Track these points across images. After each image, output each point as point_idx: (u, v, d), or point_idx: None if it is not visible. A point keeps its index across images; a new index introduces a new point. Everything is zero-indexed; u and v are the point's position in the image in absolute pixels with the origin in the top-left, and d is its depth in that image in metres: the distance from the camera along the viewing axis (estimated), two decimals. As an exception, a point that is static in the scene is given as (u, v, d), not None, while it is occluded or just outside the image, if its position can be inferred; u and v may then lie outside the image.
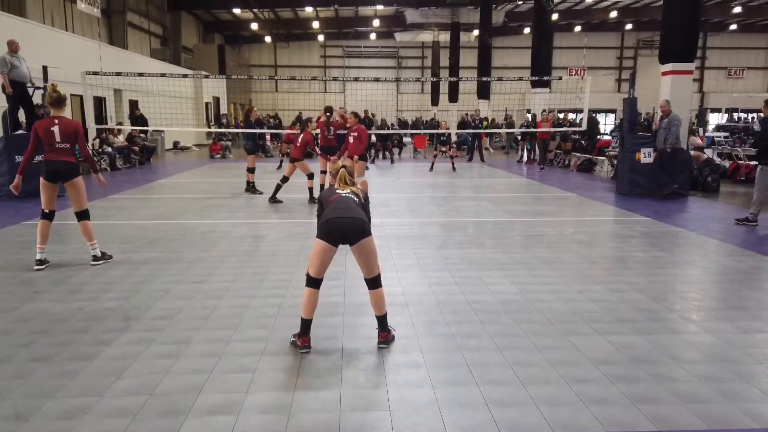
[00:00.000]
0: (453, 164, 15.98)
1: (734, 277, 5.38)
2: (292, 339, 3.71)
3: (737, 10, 31.44)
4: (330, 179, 4.01)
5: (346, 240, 3.55)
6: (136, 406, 2.92)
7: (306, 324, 3.63)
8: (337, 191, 3.74)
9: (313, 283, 3.64)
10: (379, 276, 3.72)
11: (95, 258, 5.64)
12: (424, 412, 2.89)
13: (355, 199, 3.71)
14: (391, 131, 20.14)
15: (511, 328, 4.03)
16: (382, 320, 3.74)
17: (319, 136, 10.52)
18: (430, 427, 2.75)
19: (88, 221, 5.64)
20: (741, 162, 13.54)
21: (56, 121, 5.37)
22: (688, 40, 10.95)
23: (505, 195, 11.17)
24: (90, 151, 5.64)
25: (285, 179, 9.67)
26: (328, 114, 10.33)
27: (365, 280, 3.73)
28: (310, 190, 9.78)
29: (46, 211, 5.52)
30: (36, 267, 5.42)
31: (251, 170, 11.03)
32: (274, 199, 9.68)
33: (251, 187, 10.97)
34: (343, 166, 3.87)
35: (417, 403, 2.98)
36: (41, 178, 5.43)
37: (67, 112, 5.73)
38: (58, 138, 5.33)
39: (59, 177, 5.43)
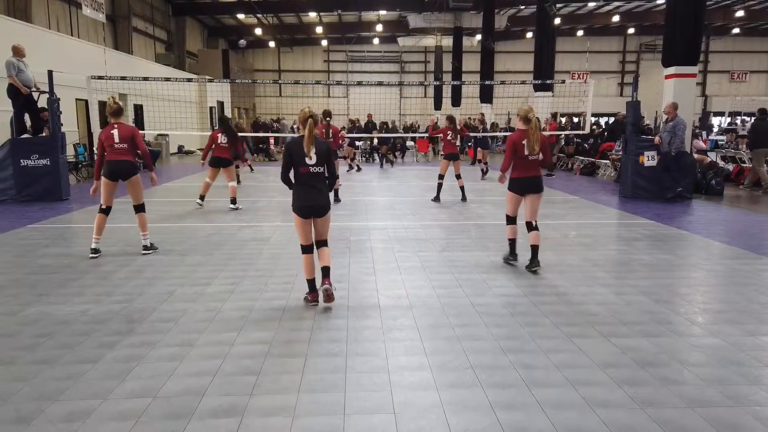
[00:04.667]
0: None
1: (740, 279, 5.35)
2: (306, 296, 4.54)
3: (740, 14, 31.41)
4: (298, 124, 4.43)
5: (314, 216, 4.44)
6: (139, 409, 2.91)
7: (311, 283, 4.50)
8: (306, 160, 4.27)
9: (307, 249, 4.50)
10: (326, 240, 4.59)
11: (145, 248, 6.22)
12: (429, 415, 2.87)
13: (322, 171, 4.35)
14: (390, 135, 20.03)
15: (515, 330, 4.01)
16: (326, 270, 4.48)
17: None
18: (435, 430, 2.73)
19: (144, 213, 6.29)
20: (745, 165, 13.49)
21: (116, 126, 6.06)
22: (691, 43, 10.93)
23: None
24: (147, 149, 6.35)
25: None
26: (328, 119, 10.27)
27: (316, 241, 4.55)
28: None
29: (104, 206, 6.10)
30: (91, 255, 6.00)
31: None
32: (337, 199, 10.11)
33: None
34: (311, 116, 4.25)
35: (422, 405, 2.96)
36: (103, 177, 6.05)
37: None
38: (116, 139, 5.98)
39: (120, 175, 6.05)
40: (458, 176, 10.53)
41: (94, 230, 6.07)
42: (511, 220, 5.76)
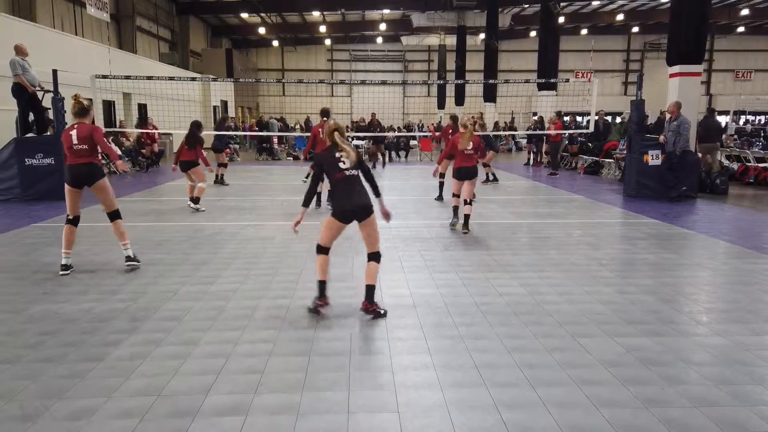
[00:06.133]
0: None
1: (745, 279, 5.33)
2: (314, 301, 4.26)
3: (745, 12, 31.30)
4: (326, 136, 4.39)
5: (356, 219, 4.24)
6: (144, 407, 2.92)
7: (323, 285, 4.26)
8: (340, 165, 4.20)
9: (324, 250, 4.32)
10: (379, 252, 4.33)
11: (128, 258, 5.58)
12: (433, 414, 2.87)
13: (357, 174, 4.27)
14: (382, 134, 19.85)
15: (519, 329, 4.01)
16: (371, 290, 4.24)
17: (317, 141, 9.45)
18: (439, 429, 2.73)
19: (120, 221, 5.64)
20: (750, 164, 13.45)
21: (75, 126, 5.48)
22: (695, 42, 10.89)
23: (512, 197, 11.14)
24: (109, 144, 5.76)
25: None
26: (325, 119, 9.41)
27: (367, 254, 4.31)
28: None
29: (71, 216, 5.49)
30: (61, 272, 5.34)
31: (223, 165, 13.01)
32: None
33: (221, 180, 12.67)
34: (337, 128, 4.30)
35: (426, 404, 2.96)
36: (65, 184, 5.47)
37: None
38: (74, 140, 5.38)
39: (83, 181, 5.43)
40: None
41: (62, 244, 5.43)
42: (457, 195, 7.72)
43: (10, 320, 4.16)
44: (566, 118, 18.75)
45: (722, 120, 33.99)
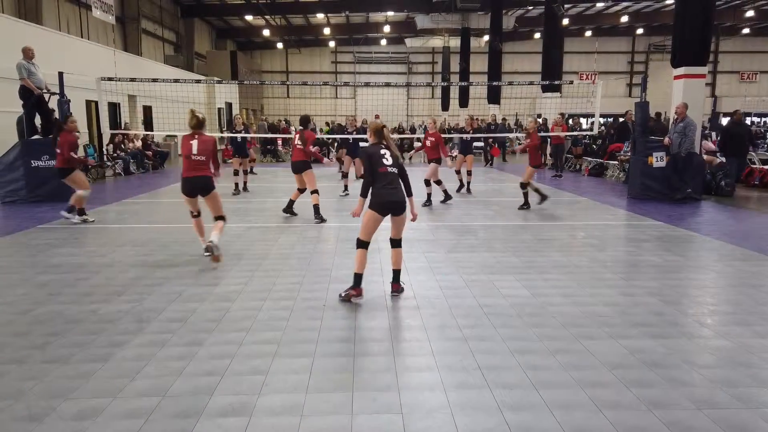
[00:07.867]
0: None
1: (749, 281, 5.31)
2: (348, 291, 4.63)
3: (750, 14, 31.19)
4: (370, 137, 4.77)
5: (391, 213, 4.62)
6: (149, 408, 2.94)
7: (359, 278, 4.63)
8: (384, 161, 4.58)
9: (365, 245, 4.66)
10: (401, 239, 4.80)
11: (208, 249, 5.86)
12: (437, 416, 2.87)
13: (396, 171, 4.64)
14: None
15: (523, 331, 4.01)
16: (397, 273, 4.78)
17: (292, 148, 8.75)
18: (442, 431, 2.74)
19: (223, 222, 6.12)
20: (755, 166, 13.39)
21: (196, 135, 5.90)
22: (700, 43, 10.86)
23: (516, 199, 11.12)
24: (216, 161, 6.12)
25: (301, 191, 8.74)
26: (301, 128, 8.63)
27: (391, 239, 4.77)
28: (315, 207, 8.45)
29: (195, 213, 6.16)
30: (205, 254, 5.88)
31: (237, 172, 12.10)
32: (289, 211, 8.92)
33: (243, 187, 12.08)
34: (384, 126, 4.73)
35: (429, 406, 2.97)
36: (182, 194, 6.00)
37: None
38: (195, 150, 5.79)
39: (197, 192, 5.96)
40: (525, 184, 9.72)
41: (197, 234, 6.22)
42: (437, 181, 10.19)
43: (16, 321, 4.20)
44: (570, 121, 18.71)
45: (725, 120, 34.03)
